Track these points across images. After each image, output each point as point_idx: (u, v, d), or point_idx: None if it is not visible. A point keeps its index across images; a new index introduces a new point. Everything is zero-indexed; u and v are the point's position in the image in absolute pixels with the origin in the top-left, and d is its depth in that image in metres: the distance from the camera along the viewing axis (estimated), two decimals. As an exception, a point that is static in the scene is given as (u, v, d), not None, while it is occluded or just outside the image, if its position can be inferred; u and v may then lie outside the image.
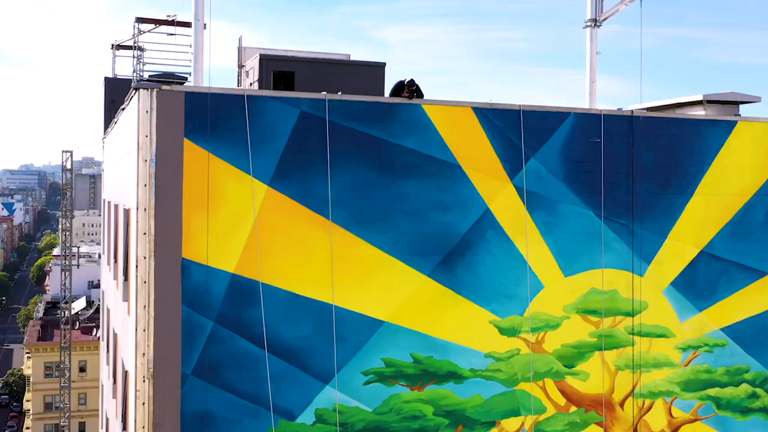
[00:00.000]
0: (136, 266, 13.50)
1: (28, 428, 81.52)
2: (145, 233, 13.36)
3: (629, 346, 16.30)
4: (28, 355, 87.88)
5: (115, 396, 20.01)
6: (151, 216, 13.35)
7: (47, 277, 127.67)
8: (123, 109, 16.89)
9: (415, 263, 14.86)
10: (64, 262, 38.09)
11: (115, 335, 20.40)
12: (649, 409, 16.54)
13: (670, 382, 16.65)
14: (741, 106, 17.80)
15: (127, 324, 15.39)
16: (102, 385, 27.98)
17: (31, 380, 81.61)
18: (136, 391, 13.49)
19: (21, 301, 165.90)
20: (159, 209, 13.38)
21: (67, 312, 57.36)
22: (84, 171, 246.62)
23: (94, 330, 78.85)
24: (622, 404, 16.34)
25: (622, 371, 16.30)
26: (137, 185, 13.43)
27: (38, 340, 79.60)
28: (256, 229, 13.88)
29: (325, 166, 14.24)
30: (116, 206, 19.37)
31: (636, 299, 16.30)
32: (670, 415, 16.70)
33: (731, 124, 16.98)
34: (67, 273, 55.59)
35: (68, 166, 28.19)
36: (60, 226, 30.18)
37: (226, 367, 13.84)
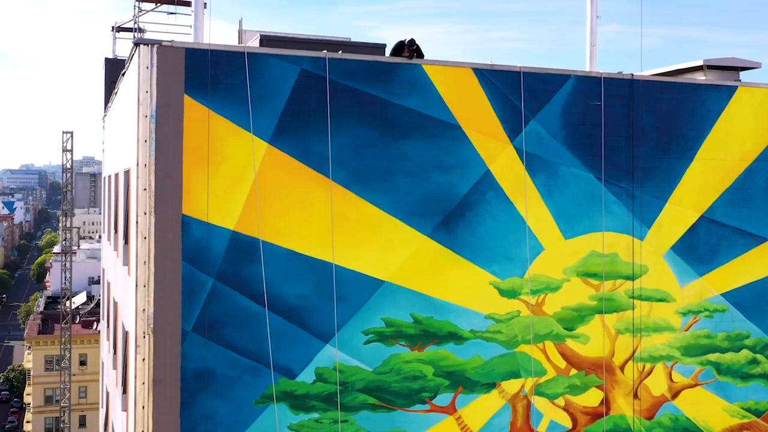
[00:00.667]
0: (137, 222, 13.50)
1: (28, 422, 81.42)
2: (145, 189, 13.36)
3: (629, 310, 16.30)
4: (28, 348, 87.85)
5: (115, 366, 19.99)
6: (151, 172, 13.35)
7: (48, 273, 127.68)
8: (123, 74, 16.90)
9: (415, 223, 14.86)
10: (65, 240, 37.57)
11: (115, 304, 20.39)
12: (650, 373, 16.53)
13: (671, 346, 16.64)
14: (741, 72, 17.81)
15: (127, 285, 15.39)
16: (102, 363, 27.98)
17: (31, 374, 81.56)
18: (136, 346, 13.50)
19: (21, 299, 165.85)
20: (159, 165, 13.38)
21: (67, 301, 57.29)
22: (84, 170, 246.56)
23: (95, 324, 78.88)
24: (622, 368, 16.34)
25: (622, 335, 16.30)
26: (137, 141, 13.43)
27: (38, 334, 79.51)
28: (256, 187, 13.88)
29: (325, 125, 14.24)
30: (116, 175, 19.37)
31: (636, 263, 16.30)
32: (671, 379, 16.70)
33: (731, 90, 16.99)
34: (67, 258, 55.09)
35: (68, 146, 28.18)
36: (61, 208, 30.15)
37: (227, 324, 13.83)
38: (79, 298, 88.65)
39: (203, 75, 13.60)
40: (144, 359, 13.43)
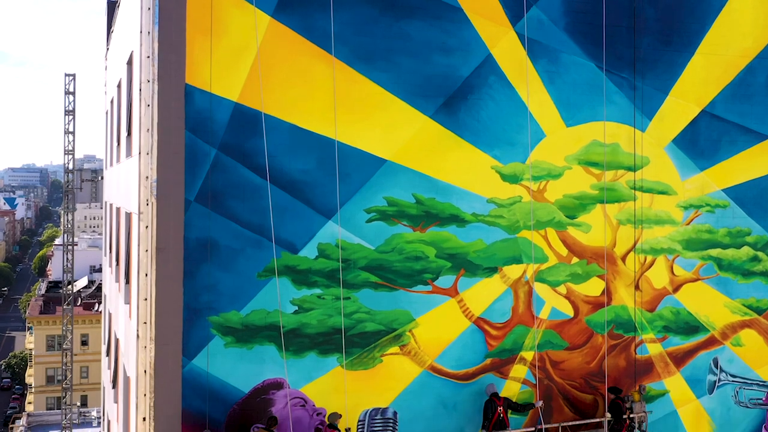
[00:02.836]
0: (140, 89, 13.55)
1: (30, 403, 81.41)
2: (149, 57, 13.42)
3: (631, 201, 16.33)
4: (29, 330, 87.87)
5: (118, 280, 20.00)
6: (154, 39, 13.40)
7: (49, 261, 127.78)
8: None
9: (417, 104, 14.90)
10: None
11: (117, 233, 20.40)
12: (651, 265, 16.56)
13: (672, 239, 16.67)
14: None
15: (129, 170, 15.44)
16: (109, 314, 27.95)
17: (33, 353, 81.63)
18: (139, 214, 13.54)
19: (23, 292, 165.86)
20: (163, 32, 13.41)
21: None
22: (86, 166, 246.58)
23: (96, 305, 78.91)
24: (623, 259, 16.37)
25: (623, 225, 16.33)
26: (141, 10, 13.50)
27: (40, 314, 79.60)
28: (258, 59, 13.93)
29: (327, 0, 14.27)
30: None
31: (638, 154, 16.34)
32: (672, 272, 16.72)
33: (732, -14, 17.01)
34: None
35: (71, 89, 28.27)
36: (65, 165, 30.18)
37: (230, 196, 13.87)
38: (81, 282, 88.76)
39: (206, -55, 13.64)
40: (147, 227, 13.48)
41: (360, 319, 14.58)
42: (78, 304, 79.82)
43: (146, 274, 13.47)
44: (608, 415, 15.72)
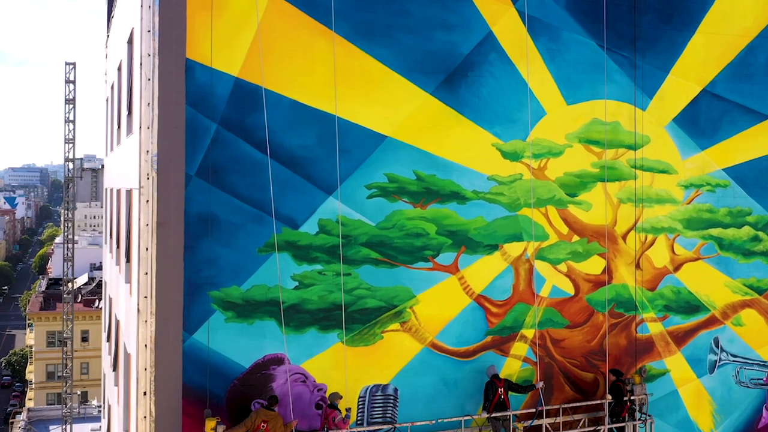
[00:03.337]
0: (141, 64, 13.55)
1: (30, 399, 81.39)
2: (149, 30, 13.41)
3: (631, 180, 16.33)
4: (30, 326, 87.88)
5: (118, 262, 19.98)
6: (155, 13, 13.39)
7: (50, 259, 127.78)
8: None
9: (417, 80, 14.89)
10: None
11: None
12: (652, 244, 16.56)
13: (673, 218, 16.67)
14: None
15: (130, 147, 15.43)
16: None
17: (33, 350, 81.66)
18: (140, 188, 13.53)
19: (23, 291, 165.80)
20: (163, 6, 13.40)
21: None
22: (86, 165, 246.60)
23: (96, 301, 78.93)
24: (624, 237, 16.36)
25: (624, 204, 16.33)
26: (142, -17, 13.48)
27: (40, 310, 79.62)
28: (259, 35, 13.92)
29: (328, -24, 14.27)
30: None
31: (638, 133, 16.34)
32: (673, 252, 16.72)
33: (733, -35, 17.02)
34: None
35: (71, 78, 28.21)
36: (65, 153, 30.16)
37: (230, 171, 13.87)
38: (81, 279, 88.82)
39: None
40: (147, 201, 13.47)
41: (360, 295, 14.58)
42: (78, 300, 79.86)
43: (147, 249, 13.46)
44: (609, 396, 15.69)
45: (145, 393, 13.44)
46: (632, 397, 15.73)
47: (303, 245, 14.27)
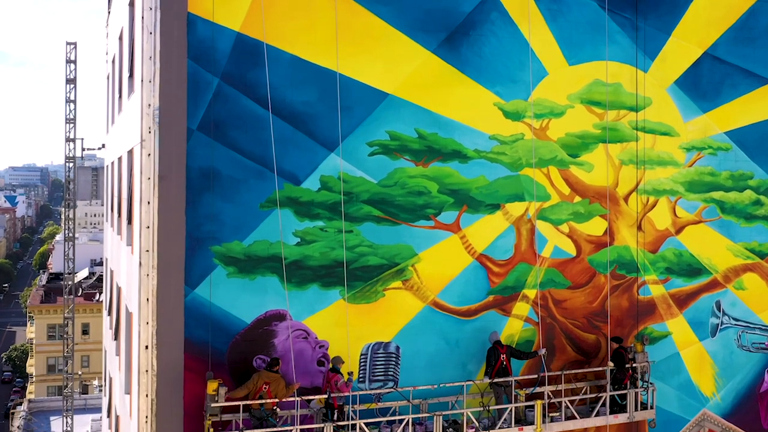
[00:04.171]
0: (142, 18, 13.54)
1: (30, 393, 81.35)
2: (150, -16, 13.39)
3: (633, 141, 16.31)
4: (30, 319, 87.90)
5: (120, 232, 19.94)
6: (156, -34, 13.38)
7: (50, 256, 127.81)
8: None
9: (419, 38, 14.88)
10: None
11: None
12: (653, 206, 16.54)
13: (674, 181, 16.65)
14: None
15: (131, 108, 15.42)
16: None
17: (34, 342, 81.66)
18: (141, 141, 13.52)
19: (23, 288, 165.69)
20: (165, -41, 13.40)
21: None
22: (87, 164, 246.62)
23: (97, 295, 78.92)
24: (626, 199, 16.35)
25: (626, 166, 16.31)
26: (143, -63, 13.48)
27: (41, 303, 79.64)
28: (261, -10, 13.90)
29: (330, -68, 14.25)
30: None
31: (640, 94, 16.31)
32: (675, 214, 16.70)
33: (735, -73, 17.01)
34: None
35: (72, 57, 28.21)
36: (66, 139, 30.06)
37: (232, 126, 13.86)
38: (81, 274, 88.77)
39: None
40: (149, 154, 13.46)
41: (362, 252, 14.57)
42: (79, 294, 79.86)
43: (148, 202, 13.45)
44: (611, 364, 15.61)
45: (147, 347, 13.42)
46: (634, 365, 15.66)
47: (305, 201, 14.26)
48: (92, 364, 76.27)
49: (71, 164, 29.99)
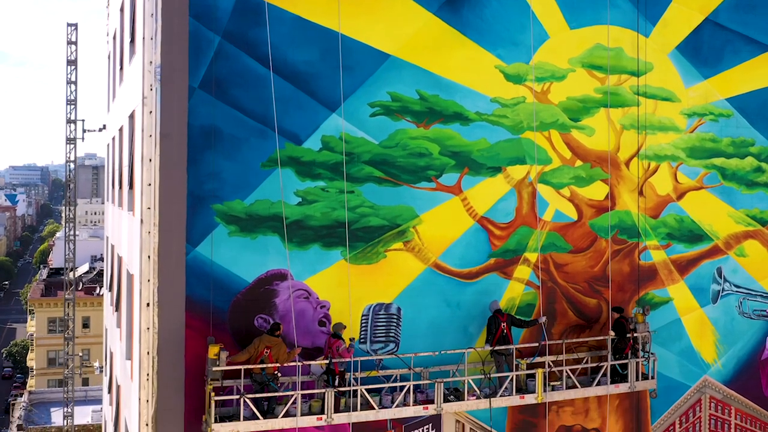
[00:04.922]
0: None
1: (31, 386, 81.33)
2: (152, -59, 13.39)
3: (634, 106, 16.30)
4: (31, 312, 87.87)
5: (121, 204, 19.93)
6: (158, -77, 13.38)
7: (50, 252, 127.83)
8: None
9: (421, 0, 14.87)
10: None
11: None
12: (655, 171, 16.53)
13: (676, 147, 16.65)
14: None
15: (132, 74, 15.42)
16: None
17: (34, 336, 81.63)
18: (143, 98, 13.52)
19: (23, 286, 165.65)
20: None
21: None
22: (87, 163, 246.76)
23: (98, 288, 78.90)
24: (627, 164, 16.34)
25: (627, 131, 16.30)
26: None
27: (41, 296, 79.64)
28: (262, -51, 13.90)
29: None
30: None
31: (641, 59, 16.31)
32: (676, 180, 16.70)
33: None
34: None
35: (73, 39, 28.19)
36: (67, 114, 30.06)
37: (233, 84, 13.86)
38: (82, 268, 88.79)
39: None
40: (151, 112, 13.46)
41: (364, 213, 14.57)
42: (79, 288, 79.85)
43: (150, 160, 13.45)
44: (612, 333, 15.57)
45: (148, 304, 13.41)
46: (635, 335, 15.62)
47: (306, 161, 14.26)
48: (92, 358, 76.22)
49: (72, 146, 29.97)
